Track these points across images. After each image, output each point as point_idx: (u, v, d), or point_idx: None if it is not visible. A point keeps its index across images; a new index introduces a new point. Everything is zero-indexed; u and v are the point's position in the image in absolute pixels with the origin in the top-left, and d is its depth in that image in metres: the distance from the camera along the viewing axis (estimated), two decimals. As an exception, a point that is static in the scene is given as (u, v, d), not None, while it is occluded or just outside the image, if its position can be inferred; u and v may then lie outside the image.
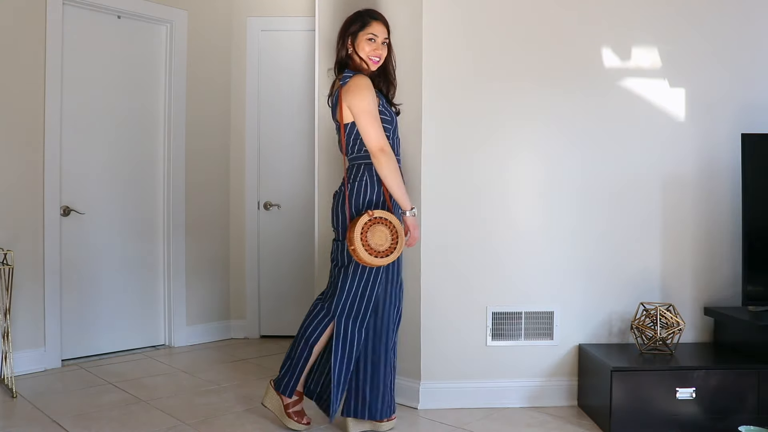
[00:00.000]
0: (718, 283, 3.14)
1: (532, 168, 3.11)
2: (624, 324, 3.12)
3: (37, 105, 3.61)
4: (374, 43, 2.69)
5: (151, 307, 4.22)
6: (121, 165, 4.06)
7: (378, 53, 2.70)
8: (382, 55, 2.72)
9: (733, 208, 3.11)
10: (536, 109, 3.09)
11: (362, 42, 2.68)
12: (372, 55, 2.68)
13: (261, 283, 4.52)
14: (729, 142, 3.11)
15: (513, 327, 3.09)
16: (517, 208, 3.11)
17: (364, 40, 2.68)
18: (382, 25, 2.73)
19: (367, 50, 2.68)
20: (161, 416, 2.91)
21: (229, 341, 4.45)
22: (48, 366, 3.64)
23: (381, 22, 2.73)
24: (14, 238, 3.50)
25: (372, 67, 2.71)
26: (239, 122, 4.52)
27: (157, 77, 4.23)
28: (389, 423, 2.76)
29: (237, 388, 3.36)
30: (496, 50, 3.07)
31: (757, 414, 2.70)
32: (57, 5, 3.67)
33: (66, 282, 3.78)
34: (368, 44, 2.68)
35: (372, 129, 2.57)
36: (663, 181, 3.12)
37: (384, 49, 2.73)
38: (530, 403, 3.09)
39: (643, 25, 3.11)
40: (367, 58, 2.69)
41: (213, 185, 4.45)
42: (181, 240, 4.26)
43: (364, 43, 2.68)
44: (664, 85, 3.12)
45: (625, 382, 2.70)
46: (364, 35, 2.68)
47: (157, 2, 4.11)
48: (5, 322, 3.25)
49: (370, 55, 2.68)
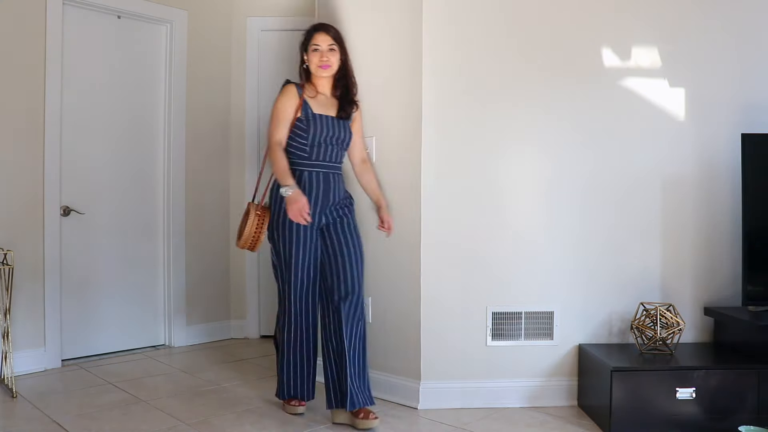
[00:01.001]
0: (718, 283, 3.14)
1: (533, 168, 3.11)
2: (624, 324, 3.12)
3: (37, 105, 3.61)
4: (319, 52, 2.89)
5: (151, 307, 4.22)
6: (121, 165, 4.06)
7: (324, 61, 2.88)
8: (331, 60, 2.90)
9: (733, 208, 3.11)
10: (536, 109, 3.09)
11: (310, 54, 2.92)
12: (320, 64, 2.88)
13: (261, 283, 4.52)
14: (729, 142, 3.11)
15: (513, 327, 3.09)
16: (517, 209, 3.11)
17: (311, 52, 2.91)
18: (324, 33, 2.91)
19: (315, 60, 2.90)
20: (161, 416, 2.91)
21: (229, 341, 4.45)
22: (48, 366, 3.64)
23: (323, 31, 2.92)
24: (14, 238, 3.49)
25: (323, 73, 2.91)
26: (239, 121, 4.52)
27: (157, 77, 4.23)
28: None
29: (237, 388, 3.36)
30: (496, 51, 3.07)
31: (757, 414, 2.70)
32: (57, 5, 3.67)
33: (66, 282, 3.78)
34: (314, 55, 2.90)
35: (270, 127, 2.93)
36: (663, 181, 3.12)
37: (332, 55, 2.90)
38: (530, 403, 3.09)
39: (643, 25, 3.11)
40: (315, 68, 2.90)
41: (213, 185, 4.45)
42: (181, 240, 4.26)
43: (311, 54, 2.91)
44: (664, 85, 3.12)
45: (625, 382, 2.70)
46: (310, 47, 2.91)
47: (157, 2, 4.11)
48: (5, 322, 3.25)
49: (318, 64, 2.89)
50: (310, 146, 2.87)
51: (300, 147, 2.87)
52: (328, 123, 2.89)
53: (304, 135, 2.86)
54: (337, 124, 2.92)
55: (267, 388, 3.35)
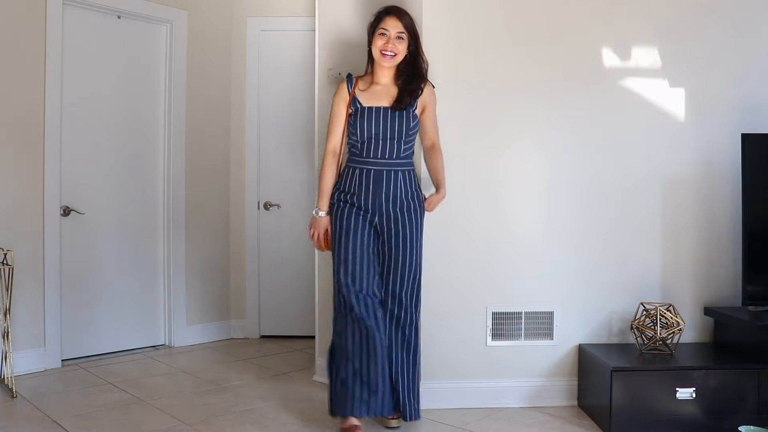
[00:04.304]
0: (718, 283, 3.14)
1: (533, 167, 3.11)
2: (624, 324, 3.12)
3: (37, 105, 3.61)
4: (385, 37, 2.67)
5: (151, 307, 4.22)
6: (121, 165, 4.06)
7: (389, 48, 2.67)
8: (398, 49, 2.68)
9: (733, 208, 3.11)
10: (536, 108, 3.09)
11: (375, 37, 2.70)
12: (383, 50, 2.67)
13: (261, 283, 4.52)
14: (729, 142, 3.11)
15: (513, 327, 3.09)
16: (517, 209, 3.11)
17: (377, 35, 2.69)
18: (396, 19, 2.68)
19: (379, 45, 2.68)
20: (161, 416, 2.91)
21: (229, 341, 4.45)
22: (48, 366, 3.64)
23: (395, 16, 2.69)
24: (14, 238, 3.49)
25: (384, 62, 2.69)
26: (239, 122, 4.52)
27: (157, 77, 4.22)
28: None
29: (237, 388, 3.36)
30: (496, 51, 3.07)
31: (757, 414, 2.70)
32: (57, 5, 3.66)
33: (66, 282, 3.78)
34: (380, 39, 2.68)
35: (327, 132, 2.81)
36: (663, 180, 3.12)
37: (399, 44, 2.68)
38: (530, 403, 3.08)
39: (643, 25, 3.11)
40: (378, 54, 2.69)
41: (213, 185, 4.45)
42: (181, 240, 4.26)
43: (377, 38, 2.69)
44: (664, 85, 3.12)
45: (625, 382, 2.70)
46: (377, 30, 2.69)
47: (157, 2, 4.11)
48: (5, 322, 3.25)
49: (381, 49, 2.68)
50: (361, 142, 2.70)
51: (353, 144, 2.73)
52: (379, 116, 2.68)
53: (353, 131, 2.71)
54: (393, 115, 2.69)
55: (267, 388, 3.35)
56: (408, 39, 2.70)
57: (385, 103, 2.71)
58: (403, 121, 2.69)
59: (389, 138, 2.68)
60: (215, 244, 4.46)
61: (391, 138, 2.68)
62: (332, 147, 2.76)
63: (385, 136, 2.68)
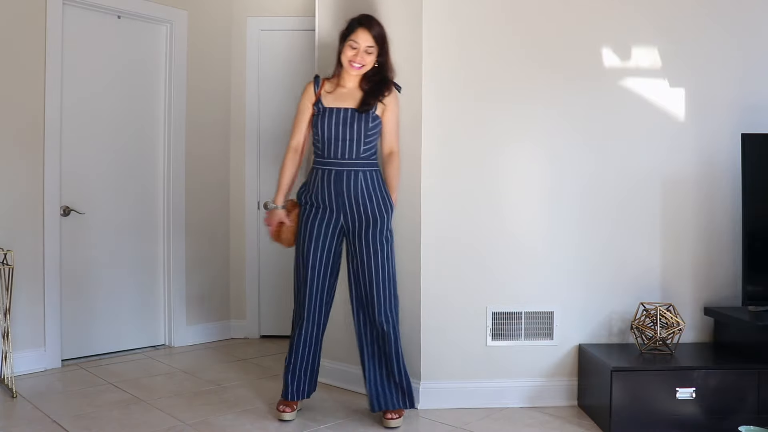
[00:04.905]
0: (718, 283, 3.14)
1: (533, 168, 3.11)
2: (624, 324, 3.12)
3: (37, 105, 3.61)
4: (355, 50, 2.78)
5: (151, 307, 4.22)
6: (121, 165, 4.06)
7: (358, 60, 2.78)
8: (366, 61, 2.79)
9: (733, 208, 3.11)
10: (536, 108, 3.09)
11: (345, 47, 2.80)
12: (352, 61, 2.78)
13: (261, 283, 4.52)
14: (729, 142, 3.11)
15: (513, 327, 3.09)
16: (517, 209, 3.11)
17: (347, 46, 2.79)
18: (367, 32, 2.78)
19: (348, 55, 2.79)
20: (161, 416, 2.91)
21: (229, 341, 4.45)
22: (48, 366, 3.64)
23: (366, 29, 2.78)
24: (14, 238, 3.49)
25: (352, 72, 2.80)
26: (239, 122, 4.52)
27: (157, 77, 4.22)
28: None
29: (237, 388, 3.36)
30: (496, 51, 3.07)
31: (757, 414, 2.70)
32: (57, 5, 3.66)
33: (66, 282, 3.78)
34: (350, 50, 2.79)
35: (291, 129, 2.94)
36: (663, 181, 3.12)
37: (367, 57, 2.79)
38: (530, 403, 3.09)
39: (644, 25, 3.11)
40: (347, 63, 2.79)
41: (213, 185, 4.45)
42: (181, 240, 4.26)
43: (347, 48, 2.79)
44: (664, 85, 3.12)
45: (625, 382, 2.70)
46: (348, 41, 2.79)
47: (157, 2, 4.11)
48: (5, 322, 3.25)
49: (350, 60, 2.78)
50: (322, 143, 2.81)
51: (316, 144, 2.87)
52: (339, 117, 2.78)
53: (315, 132, 2.84)
54: (353, 116, 2.78)
55: (267, 388, 3.35)
56: (377, 50, 2.81)
57: (350, 104, 2.81)
58: (362, 122, 2.78)
59: (348, 139, 2.78)
60: (215, 244, 4.46)
61: (350, 139, 2.78)
62: (294, 143, 2.89)
63: (344, 137, 2.78)
